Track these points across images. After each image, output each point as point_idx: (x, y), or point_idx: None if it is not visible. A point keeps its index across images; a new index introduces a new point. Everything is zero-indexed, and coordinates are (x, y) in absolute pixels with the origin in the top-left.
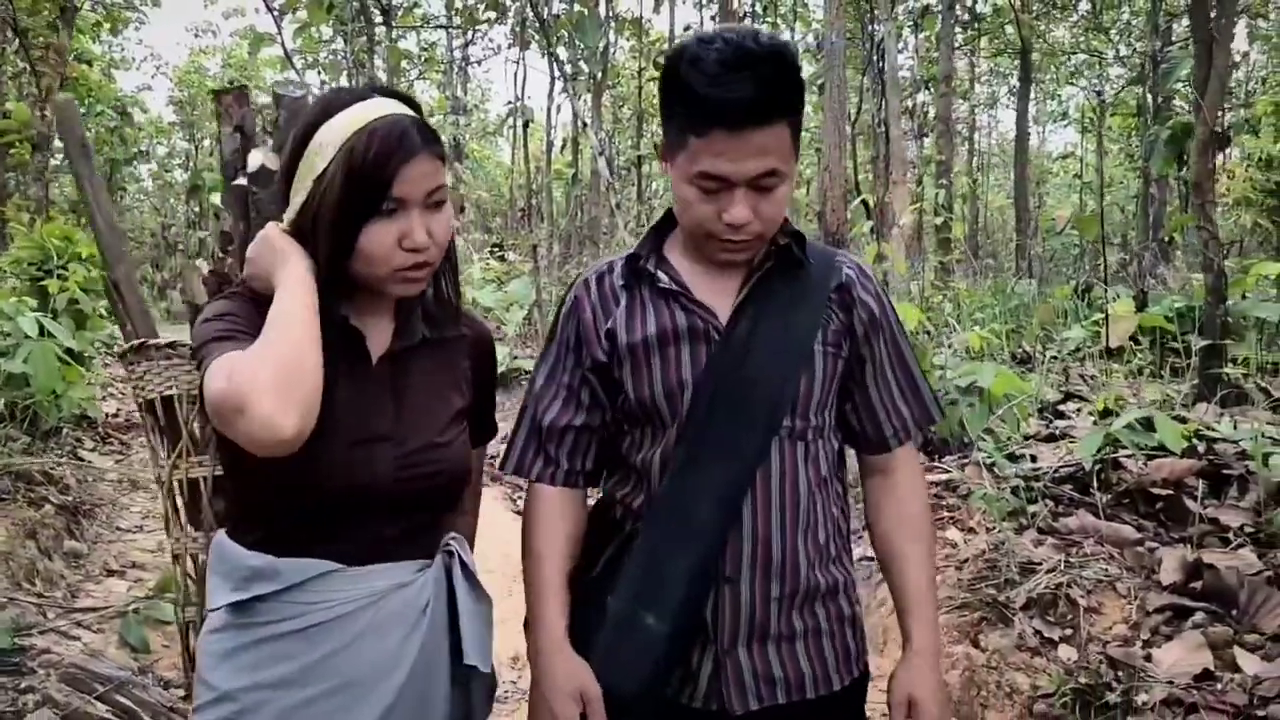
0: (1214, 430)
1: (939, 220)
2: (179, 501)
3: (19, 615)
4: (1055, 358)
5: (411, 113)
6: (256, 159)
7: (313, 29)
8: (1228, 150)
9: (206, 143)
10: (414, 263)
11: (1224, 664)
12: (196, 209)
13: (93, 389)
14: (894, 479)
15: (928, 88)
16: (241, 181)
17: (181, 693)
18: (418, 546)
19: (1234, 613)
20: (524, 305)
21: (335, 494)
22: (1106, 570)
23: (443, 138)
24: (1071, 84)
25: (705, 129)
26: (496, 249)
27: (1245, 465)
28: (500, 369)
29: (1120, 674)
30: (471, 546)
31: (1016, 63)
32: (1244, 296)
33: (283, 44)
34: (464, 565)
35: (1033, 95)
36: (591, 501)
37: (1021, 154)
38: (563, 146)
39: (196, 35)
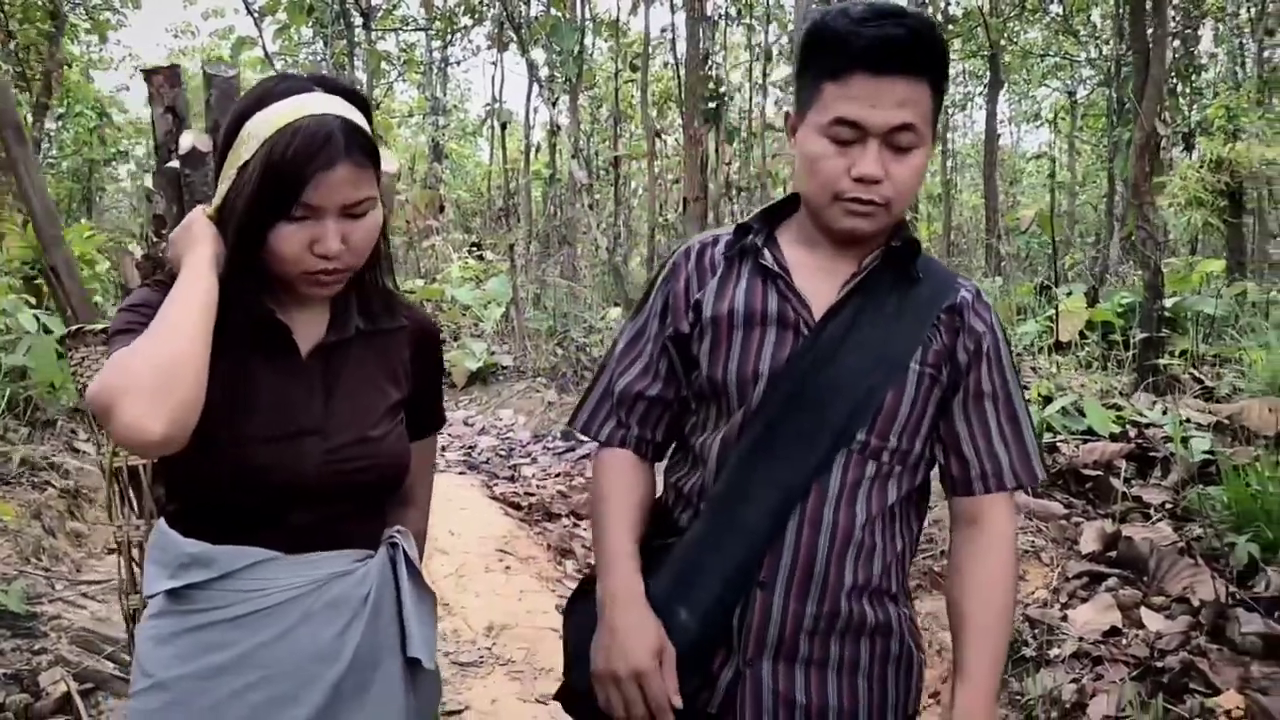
0: (1144, 416)
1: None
2: (120, 489)
3: (29, 586)
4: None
5: (346, 113)
6: (188, 140)
7: (292, 30)
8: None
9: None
10: (323, 268)
11: (1131, 622)
12: (176, 209)
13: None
14: (979, 534)
15: None
16: (174, 164)
17: None
18: (355, 538)
19: (1145, 578)
20: (501, 303)
21: (259, 487)
22: (1033, 542)
23: (421, 138)
24: (1045, 85)
25: (845, 71)
26: (475, 248)
27: (1170, 448)
28: (478, 364)
29: (1037, 631)
30: (422, 541)
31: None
32: (1198, 292)
33: (263, 46)
34: (408, 559)
35: (1007, 96)
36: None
37: (991, 154)
38: (537, 149)
39: (176, 36)
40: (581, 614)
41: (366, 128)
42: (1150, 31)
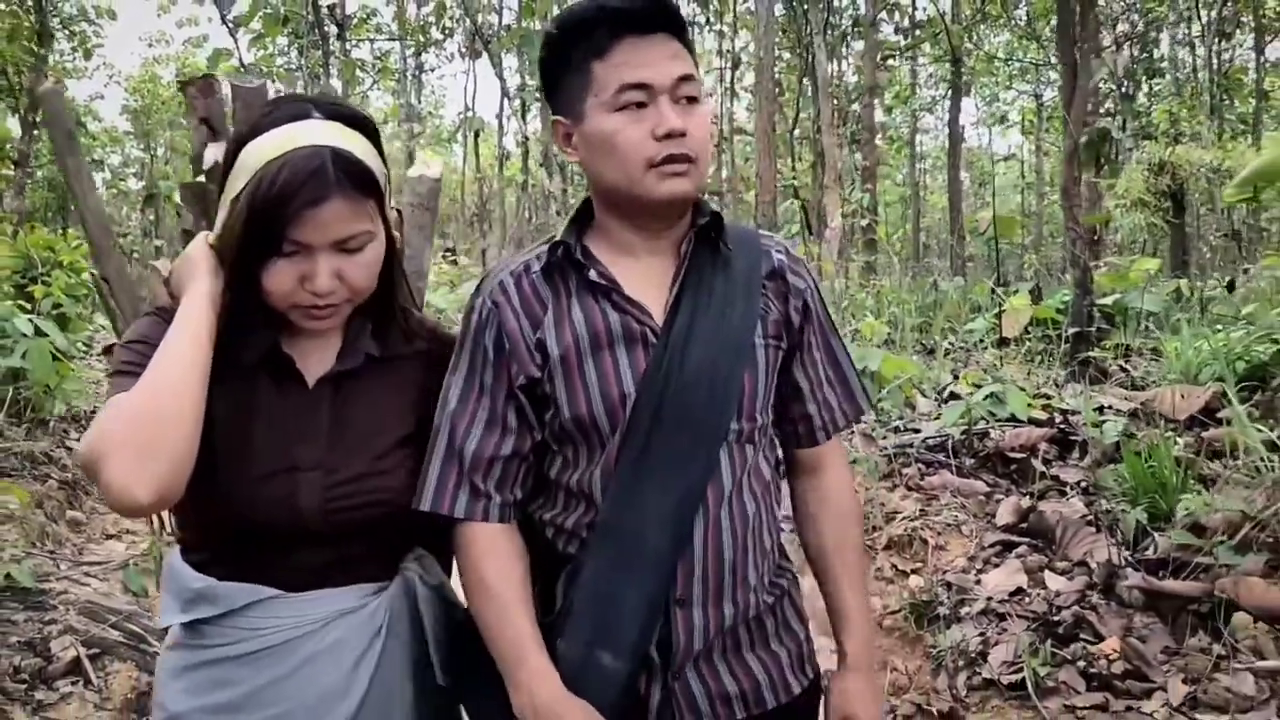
0: (1066, 403)
1: (865, 223)
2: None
3: (37, 566)
4: (960, 347)
5: (341, 142)
6: (211, 155)
7: (268, 40)
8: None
9: (160, 151)
10: (314, 304)
11: (1035, 583)
12: (152, 217)
13: (81, 383)
14: (822, 479)
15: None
16: (200, 179)
17: None
18: (366, 571)
19: (1052, 546)
20: None
21: (255, 525)
22: (956, 516)
23: (395, 145)
24: (1010, 89)
25: (610, 43)
26: (450, 253)
27: (1089, 432)
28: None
29: (951, 593)
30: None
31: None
32: (1149, 289)
33: (239, 56)
34: (427, 584)
35: (976, 99)
36: None
37: (954, 158)
38: (508, 157)
39: (150, 45)
40: (483, 697)
41: (367, 156)
42: (1077, 45)
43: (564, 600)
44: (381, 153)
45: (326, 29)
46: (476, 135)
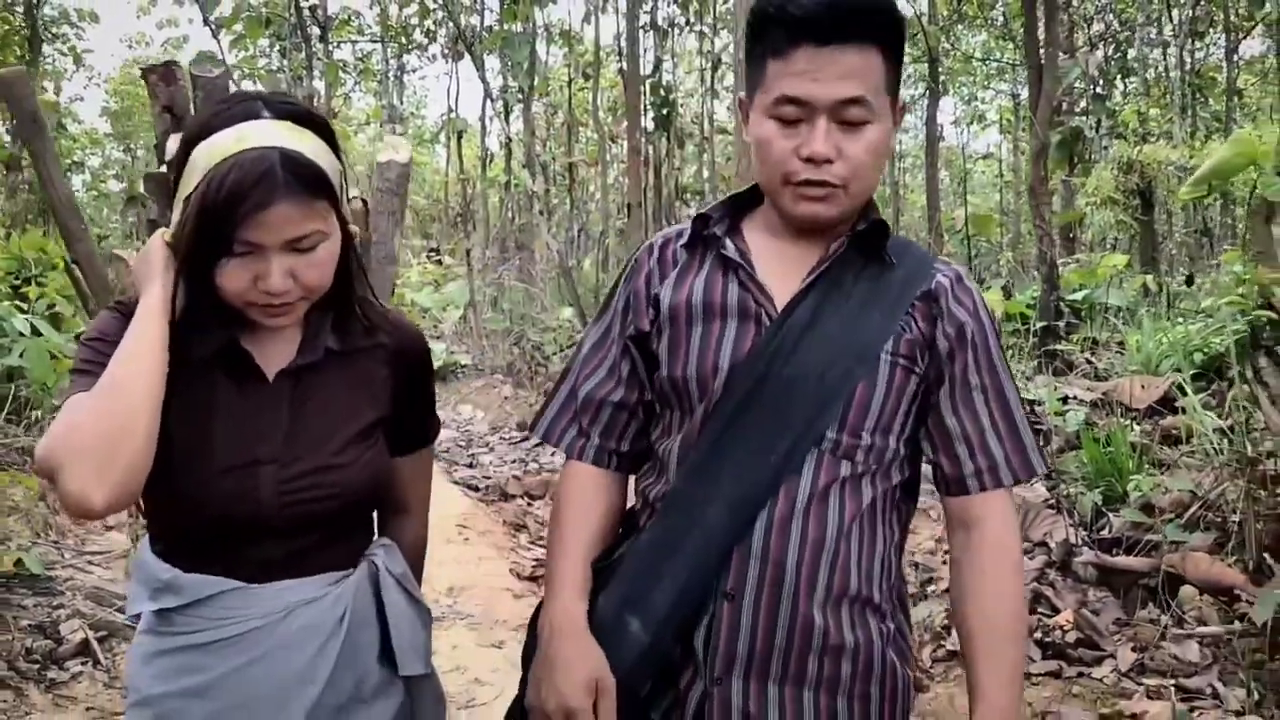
0: (1032, 394)
1: None
2: None
3: (43, 554)
4: None
5: (290, 142)
6: (173, 145)
7: (249, 42)
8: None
9: (141, 153)
10: (269, 302)
11: None
12: (133, 220)
13: None
14: (973, 536)
15: None
16: (163, 169)
17: None
18: (328, 561)
19: None
20: (459, 305)
21: (218, 520)
22: (925, 501)
23: (377, 146)
24: (987, 88)
25: (787, 46)
26: (434, 253)
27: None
28: (438, 364)
29: (919, 573)
30: (422, 548)
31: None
32: (1119, 285)
33: (223, 58)
34: (393, 574)
35: (954, 98)
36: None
37: (932, 158)
38: (491, 158)
39: (130, 46)
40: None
41: (318, 155)
42: (1043, 47)
43: (616, 556)
44: (336, 149)
45: (309, 31)
46: (459, 136)
